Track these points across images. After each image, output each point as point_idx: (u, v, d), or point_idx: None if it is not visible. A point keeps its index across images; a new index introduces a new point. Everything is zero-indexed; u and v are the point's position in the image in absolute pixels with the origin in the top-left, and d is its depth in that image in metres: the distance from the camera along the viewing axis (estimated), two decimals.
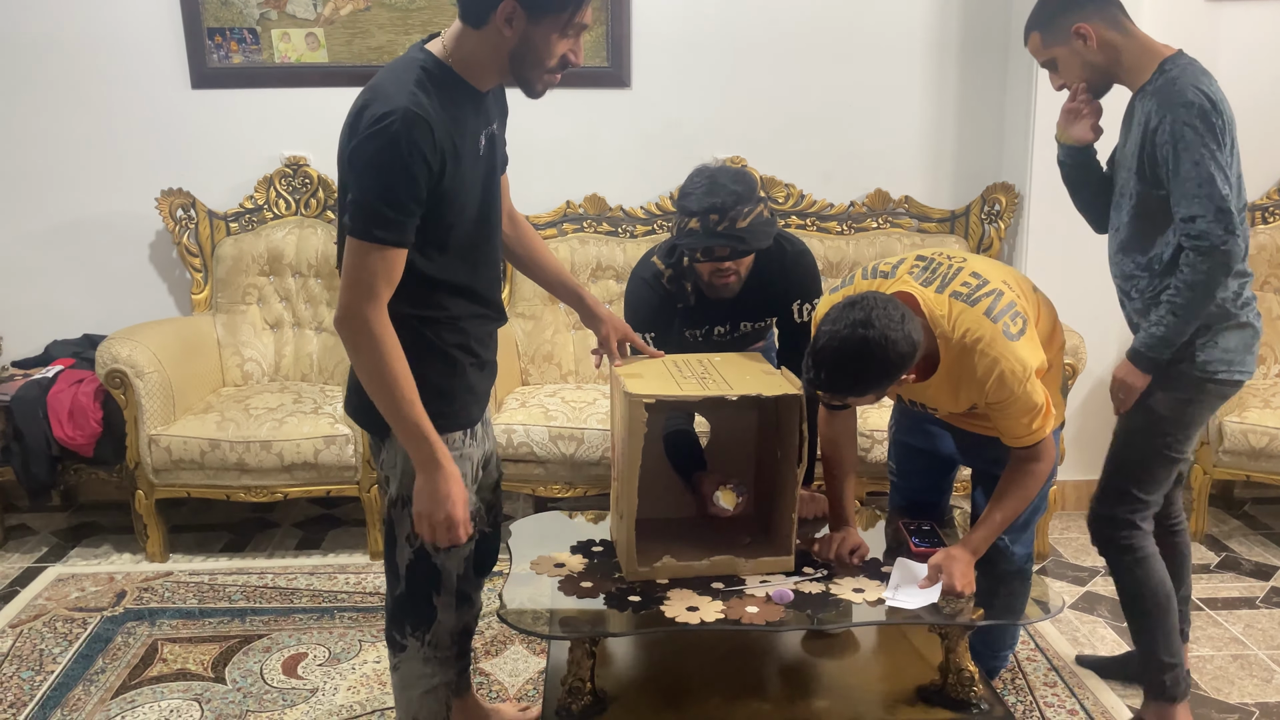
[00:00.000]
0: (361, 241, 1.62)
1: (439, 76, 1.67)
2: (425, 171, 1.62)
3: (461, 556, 1.93)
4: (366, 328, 1.64)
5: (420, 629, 1.95)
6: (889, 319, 1.79)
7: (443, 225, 1.72)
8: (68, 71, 3.61)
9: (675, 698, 1.99)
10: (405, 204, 1.62)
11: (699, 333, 2.40)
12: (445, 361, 1.81)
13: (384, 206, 1.61)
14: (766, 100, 3.76)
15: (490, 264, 1.88)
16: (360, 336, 1.65)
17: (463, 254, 1.78)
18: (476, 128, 1.74)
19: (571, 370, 3.71)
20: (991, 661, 2.41)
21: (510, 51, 1.66)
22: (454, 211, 1.72)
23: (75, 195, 3.71)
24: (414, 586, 1.92)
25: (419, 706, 2.02)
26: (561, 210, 3.74)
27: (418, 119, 1.59)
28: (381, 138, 1.58)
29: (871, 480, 3.21)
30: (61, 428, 3.30)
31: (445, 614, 1.95)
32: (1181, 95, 2.06)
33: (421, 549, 1.88)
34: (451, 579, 1.93)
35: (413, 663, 1.98)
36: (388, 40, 3.62)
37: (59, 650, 2.82)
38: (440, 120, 1.63)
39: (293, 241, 3.69)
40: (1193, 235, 2.06)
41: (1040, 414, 1.94)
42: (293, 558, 3.42)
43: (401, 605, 1.95)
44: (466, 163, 1.71)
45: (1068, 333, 3.05)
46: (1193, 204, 2.05)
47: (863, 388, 1.84)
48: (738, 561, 2.01)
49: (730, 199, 2.12)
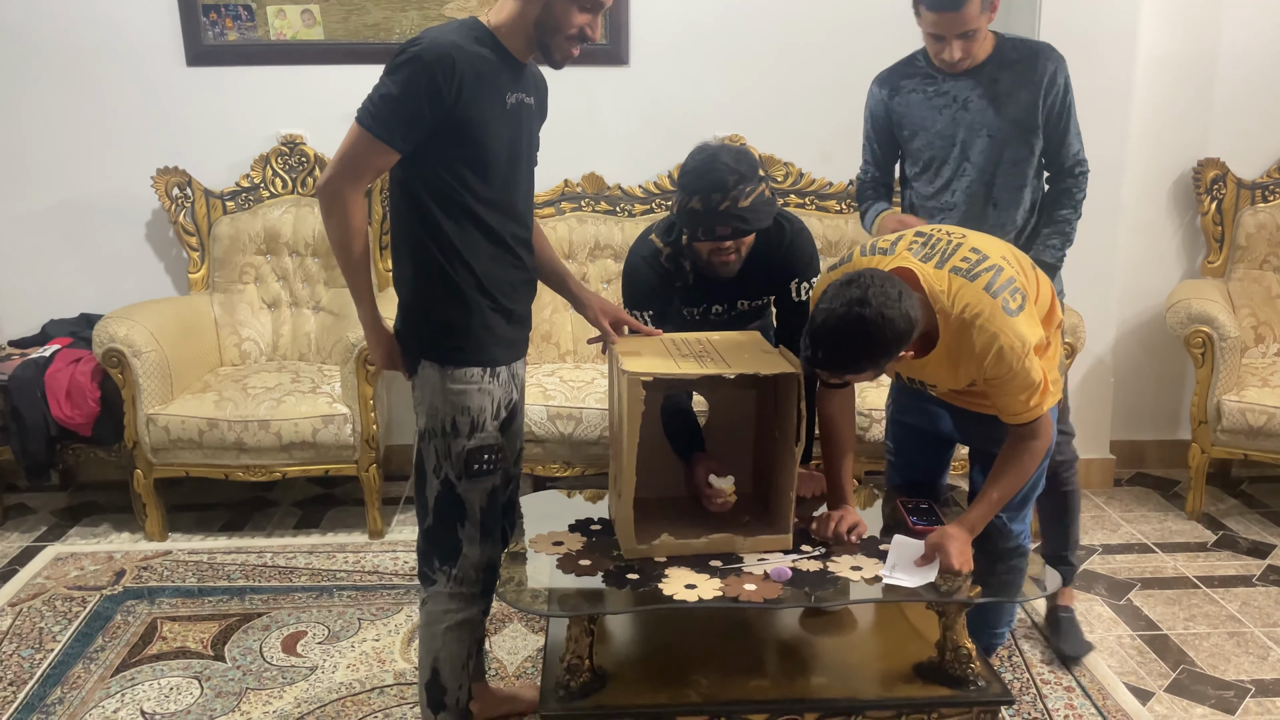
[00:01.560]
0: (364, 129, 1.83)
1: (483, 38, 1.89)
2: (429, 91, 1.80)
3: (483, 489, 2.05)
4: (340, 201, 1.87)
5: (448, 563, 2.08)
6: (886, 296, 1.78)
7: (466, 156, 1.88)
8: (62, 49, 3.59)
9: (673, 675, 2.00)
10: (401, 112, 1.81)
11: (696, 311, 2.40)
12: (459, 299, 1.96)
13: (386, 107, 1.82)
14: (765, 79, 3.74)
15: (518, 217, 2.01)
16: (334, 207, 1.89)
17: (486, 199, 1.93)
18: (509, 85, 1.92)
19: (570, 350, 3.70)
20: (989, 639, 2.42)
21: (535, 19, 1.87)
22: (478, 144, 1.88)
23: (71, 174, 3.70)
24: (440, 518, 2.06)
25: (442, 643, 2.12)
26: (559, 189, 3.73)
27: (443, 53, 1.80)
28: (406, 55, 1.81)
29: (869, 459, 3.21)
30: (59, 407, 3.29)
31: (470, 547, 2.07)
32: (1056, 52, 2.54)
33: (447, 480, 2.03)
34: (475, 511, 2.05)
35: (440, 598, 2.10)
36: (384, 17, 3.59)
37: (59, 629, 2.83)
38: (468, 57, 1.82)
39: (290, 220, 3.67)
40: (1083, 164, 2.56)
41: (1038, 391, 1.94)
42: (291, 537, 3.43)
43: (429, 538, 2.09)
44: (490, 104, 1.87)
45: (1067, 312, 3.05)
46: (1077, 140, 2.56)
47: (860, 365, 1.84)
48: (736, 539, 2.01)
49: (732, 178, 2.11)
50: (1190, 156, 3.74)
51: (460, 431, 2.00)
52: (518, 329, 2.08)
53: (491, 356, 2.01)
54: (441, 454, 2.02)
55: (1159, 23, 3.58)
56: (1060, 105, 2.52)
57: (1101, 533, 3.41)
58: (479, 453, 2.02)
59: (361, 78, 1.78)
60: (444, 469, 2.02)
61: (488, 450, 2.03)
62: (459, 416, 2.00)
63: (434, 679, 2.13)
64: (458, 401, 1.99)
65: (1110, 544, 3.32)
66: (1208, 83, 3.69)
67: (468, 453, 2.01)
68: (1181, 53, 3.65)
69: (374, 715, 2.44)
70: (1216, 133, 3.73)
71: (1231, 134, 3.71)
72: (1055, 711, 2.46)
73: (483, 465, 2.03)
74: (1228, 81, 3.70)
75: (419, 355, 2.01)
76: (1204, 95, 3.70)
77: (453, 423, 2.00)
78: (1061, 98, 2.52)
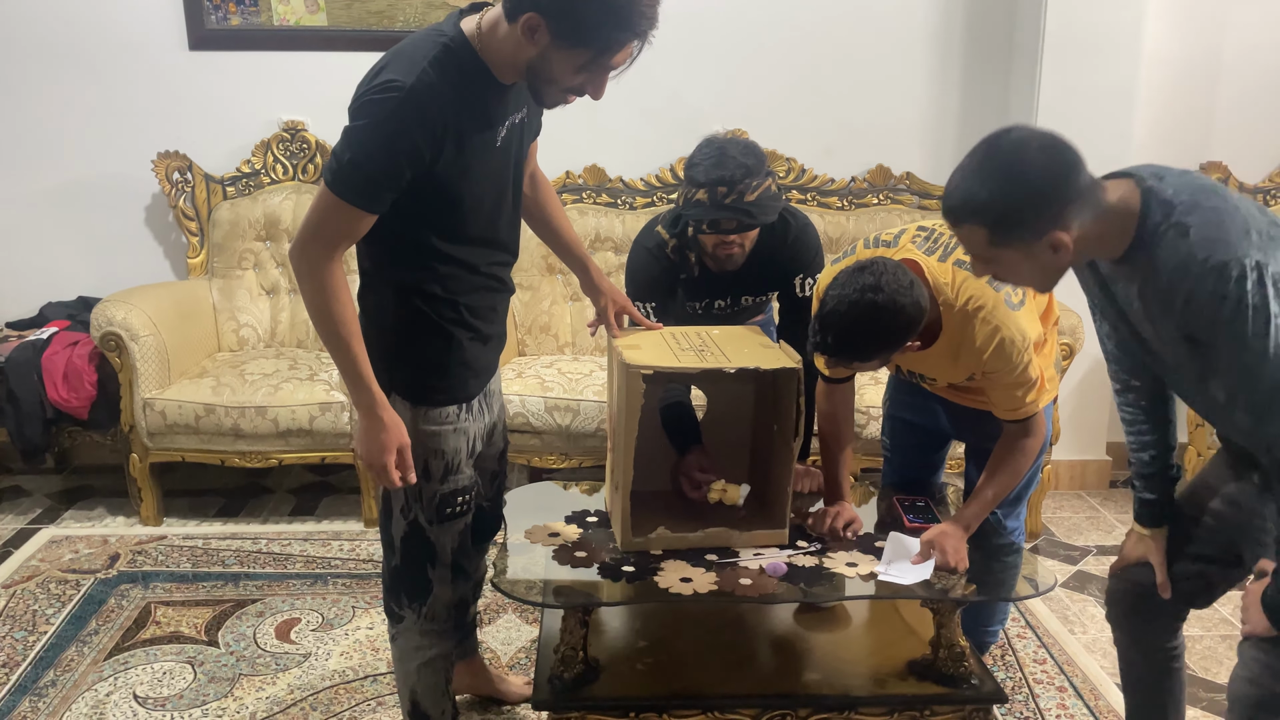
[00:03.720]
0: (331, 193, 1.61)
1: (461, 58, 1.63)
2: (410, 156, 1.60)
3: (455, 531, 1.93)
4: (316, 272, 1.64)
5: (417, 601, 1.95)
6: (898, 283, 1.78)
7: (446, 208, 1.70)
8: (64, 32, 3.57)
9: (667, 668, 2.00)
10: (378, 177, 1.60)
11: (699, 305, 2.39)
12: (440, 336, 1.80)
13: (358, 172, 1.60)
14: (769, 73, 3.74)
15: (502, 247, 1.85)
16: (310, 276, 1.65)
17: (469, 239, 1.76)
18: (497, 116, 1.71)
19: (568, 341, 3.70)
20: (982, 636, 2.43)
21: (528, 61, 1.62)
22: (457, 198, 1.70)
23: (71, 157, 3.68)
24: (409, 559, 1.92)
25: (417, 678, 2.02)
26: (561, 180, 3.72)
27: (422, 108, 1.57)
28: (377, 107, 1.57)
29: (865, 457, 3.22)
30: (56, 390, 3.29)
31: (441, 587, 1.95)
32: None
33: (415, 522, 1.88)
34: (446, 552, 1.93)
35: (410, 634, 1.98)
36: (388, 4, 3.58)
37: (52, 611, 2.83)
38: (448, 103, 1.60)
39: (289, 207, 3.66)
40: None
41: (1034, 388, 1.94)
42: (287, 523, 3.43)
43: (397, 577, 1.95)
44: (475, 151, 1.68)
45: (1066, 312, 3.05)
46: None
47: (870, 352, 1.83)
48: (732, 534, 2.02)
49: (739, 172, 2.10)
50: (1193, 159, 3.73)
51: (433, 475, 1.85)
52: (494, 349, 1.93)
53: (465, 391, 1.87)
54: (412, 496, 1.86)
55: (1164, 25, 3.57)
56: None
57: (1096, 534, 3.41)
58: (452, 496, 1.89)
59: (364, 65, 1.71)
60: (413, 510, 1.87)
61: (462, 493, 1.90)
62: (432, 460, 1.84)
63: (415, 709, 2.05)
64: (430, 445, 1.83)
65: (1105, 545, 3.33)
66: (1211, 86, 3.68)
67: (440, 498, 1.87)
68: (1186, 55, 3.64)
69: (367, 703, 2.44)
70: (1220, 136, 3.72)
71: (1235, 138, 3.70)
72: (1048, 711, 2.46)
73: (456, 509, 1.90)
74: (1232, 85, 3.69)
75: (389, 389, 1.77)
76: (1208, 98, 3.70)
77: (425, 467, 1.83)
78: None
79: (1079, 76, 2.66)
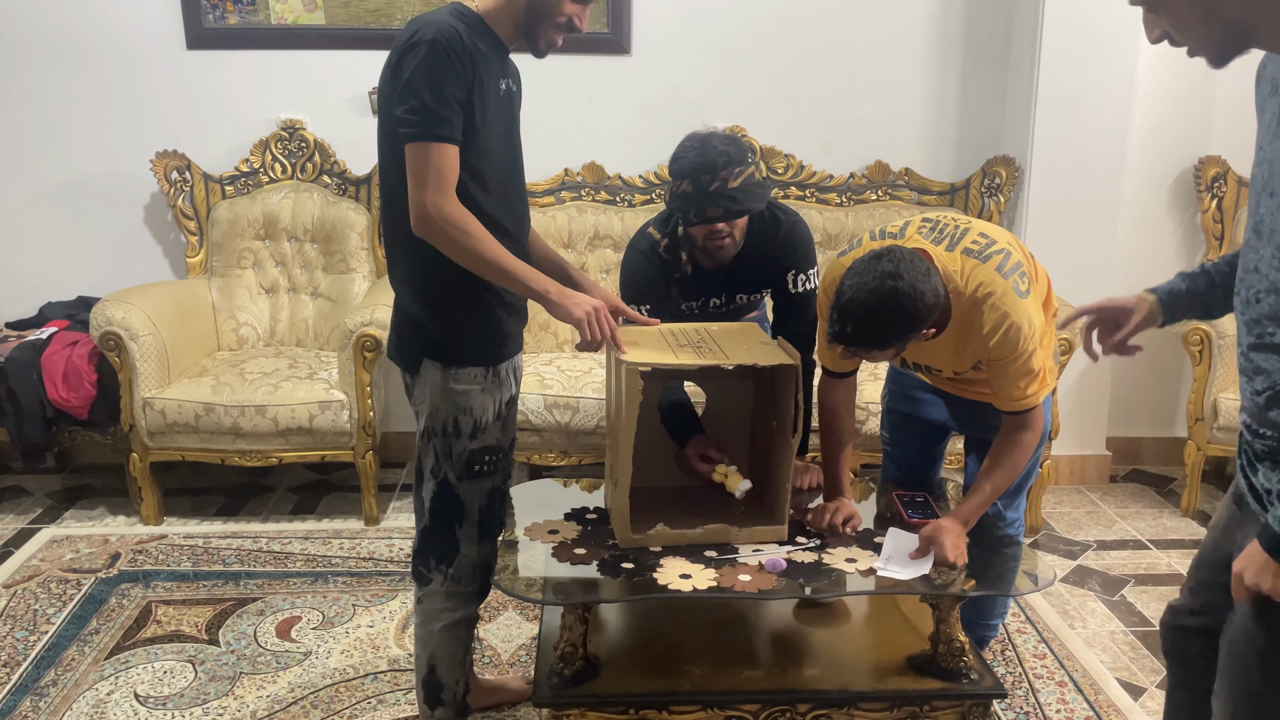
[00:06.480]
0: (422, 143, 1.76)
1: (470, 20, 1.85)
2: (458, 80, 1.77)
3: (483, 489, 2.04)
4: (447, 218, 1.78)
5: (444, 562, 2.06)
6: (916, 270, 1.78)
7: (472, 138, 1.83)
8: (62, 31, 3.57)
9: (667, 664, 2.00)
10: (451, 102, 1.77)
11: (695, 304, 2.40)
12: (465, 295, 1.92)
13: (436, 105, 1.75)
14: (767, 70, 3.73)
15: (516, 203, 1.99)
16: (446, 227, 1.79)
17: (493, 188, 1.89)
18: (499, 72, 1.89)
19: (568, 339, 3.70)
20: (982, 631, 2.43)
21: (526, 3, 1.85)
22: (484, 135, 1.85)
23: (69, 156, 3.68)
24: (438, 519, 2.04)
25: (438, 641, 2.11)
26: (560, 178, 3.72)
27: (452, 32, 1.77)
28: (421, 47, 1.76)
29: (865, 453, 3.22)
30: (56, 390, 3.29)
31: (467, 546, 2.06)
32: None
33: (445, 480, 2.01)
34: (474, 510, 2.04)
35: (436, 596, 2.09)
36: (386, 2, 3.57)
37: (53, 610, 2.83)
38: (469, 44, 1.79)
39: (289, 206, 3.66)
40: None
41: (1037, 379, 1.94)
42: (287, 522, 3.43)
43: (426, 538, 2.07)
44: (489, 89, 1.85)
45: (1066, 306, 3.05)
46: None
47: (889, 340, 1.83)
48: (731, 530, 2.02)
49: (721, 159, 2.12)
50: (1191, 154, 3.74)
51: (462, 432, 1.98)
52: (518, 321, 2.06)
53: (495, 354, 1.99)
54: (442, 454, 2.00)
55: None
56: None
57: (1096, 529, 3.41)
58: (480, 454, 2.01)
59: (362, 63, 1.74)
60: (443, 469, 2.00)
61: (489, 451, 2.02)
62: (461, 417, 1.97)
63: (430, 675, 2.13)
64: (460, 402, 1.97)
65: (1105, 540, 3.33)
66: (1210, 80, 3.68)
67: (469, 454, 2.00)
68: (1184, 50, 3.63)
69: (367, 701, 2.44)
70: (1218, 130, 3.72)
71: (1233, 132, 3.70)
72: (1047, 706, 2.46)
73: (484, 466, 2.02)
74: (1230, 79, 3.68)
75: (420, 354, 1.97)
76: (1206, 92, 3.69)
77: (455, 423, 1.97)
78: None
79: (1078, 71, 2.64)
